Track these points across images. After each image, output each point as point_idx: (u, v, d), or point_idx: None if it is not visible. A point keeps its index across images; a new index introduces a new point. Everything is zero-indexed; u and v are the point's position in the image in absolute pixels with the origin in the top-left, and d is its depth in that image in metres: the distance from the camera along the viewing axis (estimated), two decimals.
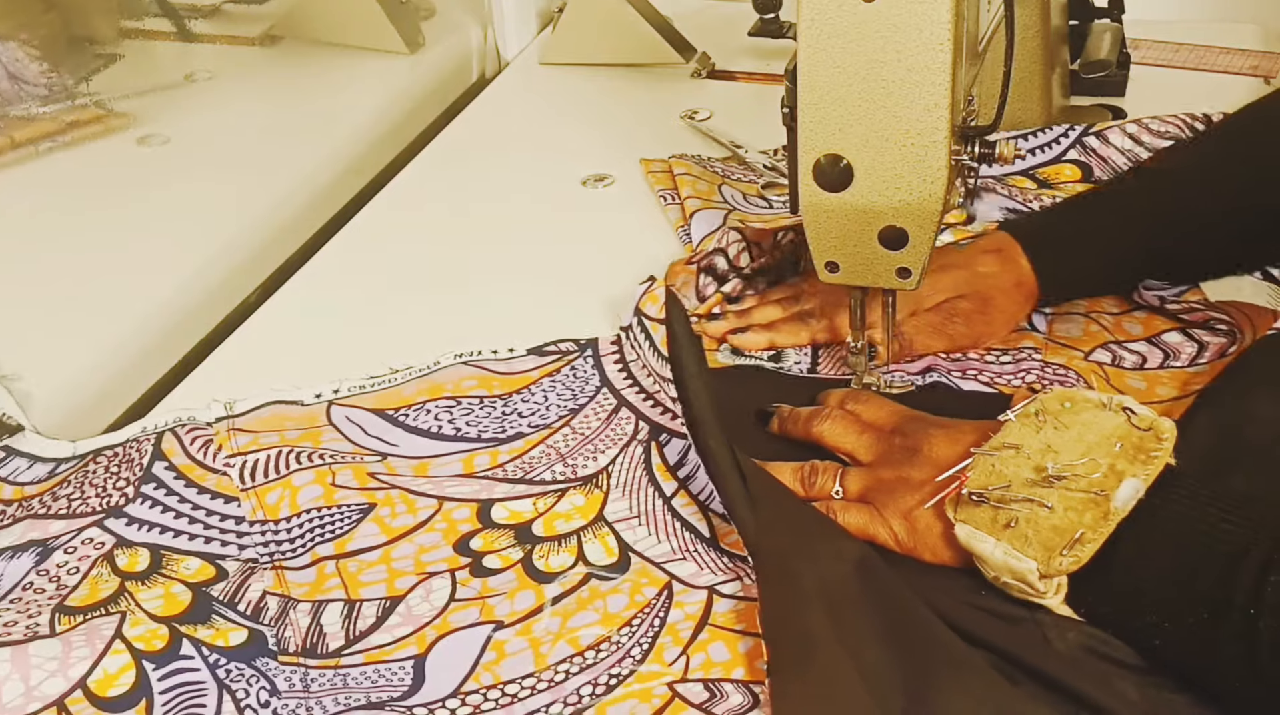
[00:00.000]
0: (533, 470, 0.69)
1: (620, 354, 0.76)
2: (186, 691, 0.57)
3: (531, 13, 1.26)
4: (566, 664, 0.59)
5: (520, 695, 0.57)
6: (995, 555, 0.57)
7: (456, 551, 0.65)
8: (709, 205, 0.92)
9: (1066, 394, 0.60)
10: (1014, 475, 0.58)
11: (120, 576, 0.62)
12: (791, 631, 0.55)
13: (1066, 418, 0.59)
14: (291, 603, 0.62)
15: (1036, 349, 0.77)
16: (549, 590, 0.63)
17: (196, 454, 0.69)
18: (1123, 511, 0.55)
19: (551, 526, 0.66)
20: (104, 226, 0.83)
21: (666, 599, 0.62)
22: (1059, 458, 0.57)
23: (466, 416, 0.73)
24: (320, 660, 0.60)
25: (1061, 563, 0.55)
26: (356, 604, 0.62)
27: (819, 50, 0.62)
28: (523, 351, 0.77)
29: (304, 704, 0.57)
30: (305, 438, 0.71)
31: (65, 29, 0.82)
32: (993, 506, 0.57)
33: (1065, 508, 0.56)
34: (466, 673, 0.59)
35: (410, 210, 0.98)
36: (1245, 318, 0.76)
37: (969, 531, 0.58)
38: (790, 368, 0.78)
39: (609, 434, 0.71)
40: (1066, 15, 1.03)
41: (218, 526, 0.66)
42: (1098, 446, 0.57)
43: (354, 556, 0.65)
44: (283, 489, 0.67)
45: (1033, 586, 0.56)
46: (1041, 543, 0.56)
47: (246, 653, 0.59)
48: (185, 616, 0.60)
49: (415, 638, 0.61)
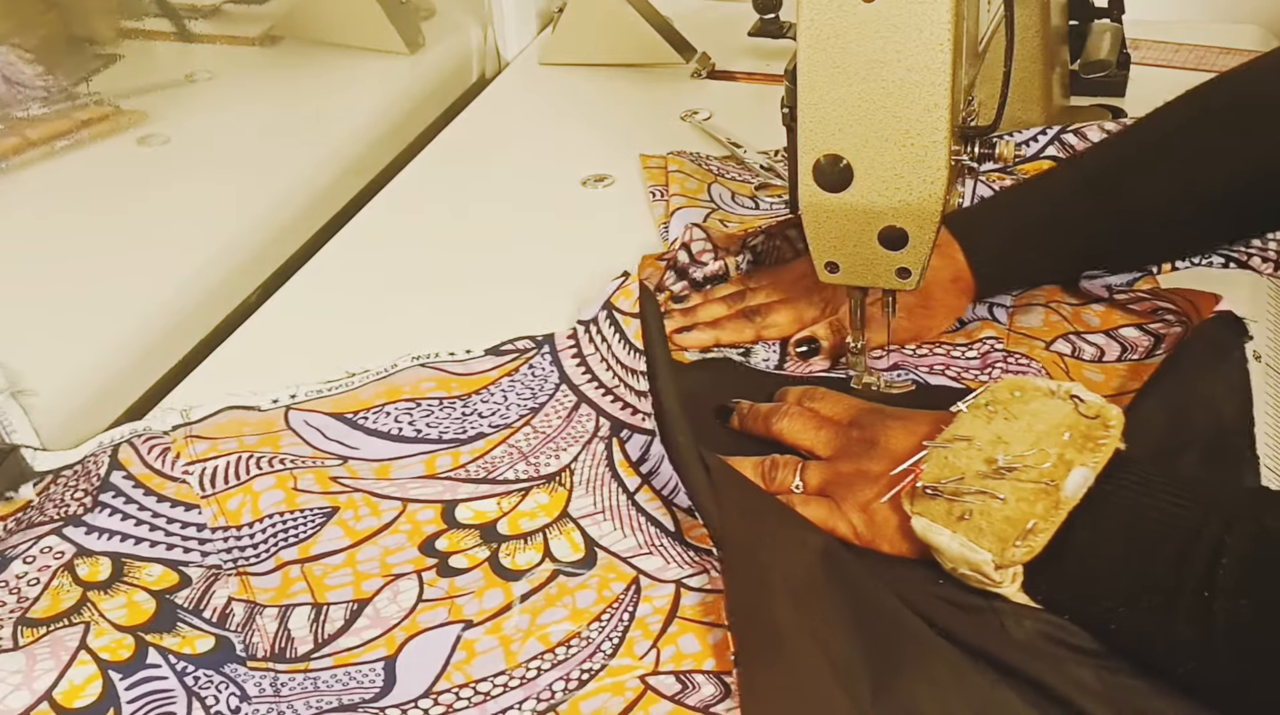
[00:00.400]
0: (495, 470, 0.70)
1: (578, 349, 0.76)
2: (155, 699, 0.57)
3: (531, 13, 1.26)
4: (538, 660, 0.59)
5: (493, 693, 0.58)
6: (951, 547, 0.57)
7: (422, 552, 0.65)
8: (693, 203, 0.92)
9: (1017, 383, 0.61)
10: (967, 467, 0.58)
11: (82, 586, 0.62)
12: (758, 622, 0.55)
13: (1016, 407, 0.60)
14: (258, 608, 0.62)
15: (999, 339, 0.77)
16: (517, 588, 0.63)
17: (154, 462, 0.69)
18: (1073, 500, 0.56)
19: (516, 525, 0.66)
20: (104, 227, 0.83)
21: (635, 593, 0.62)
22: (1009, 449, 0.58)
23: (426, 418, 0.73)
24: (290, 664, 0.60)
25: (1015, 553, 0.56)
26: (324, 607, 0.62)
27: (819, 50, 0.62)
28: (480, 352, 0.77)
29: (275, 708, 0.57)
30: (264, 443, 0.71)
31: (65, 29, 0.82)
32: (947, 499, 0.58)
33: (1017, 498, 0.57)
34: (438, 672, 0.59)
35: (410, 210, 0.98)
36: (1191, 304, 0.77)
37: (925, 524, 0.59)
38: (759, 364, 0.78)
39: (570, 432, 0.72)
40: (1066, 15, 1.03)
41: (179, 534, 0.65)
42: (1047, 436, 0.58)
43: (319, 560, 0.65)
44: (244, 495, 0.67)
45: (989, 577, 0.57)
46: (995, 534, 0.56)
47: (214, 659, 0.59)
48: (150, 625, 0.60)
49: (384, 639, 0.61)
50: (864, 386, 0.74)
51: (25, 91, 0.75)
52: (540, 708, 0.57)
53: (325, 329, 0.83)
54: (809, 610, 0.56)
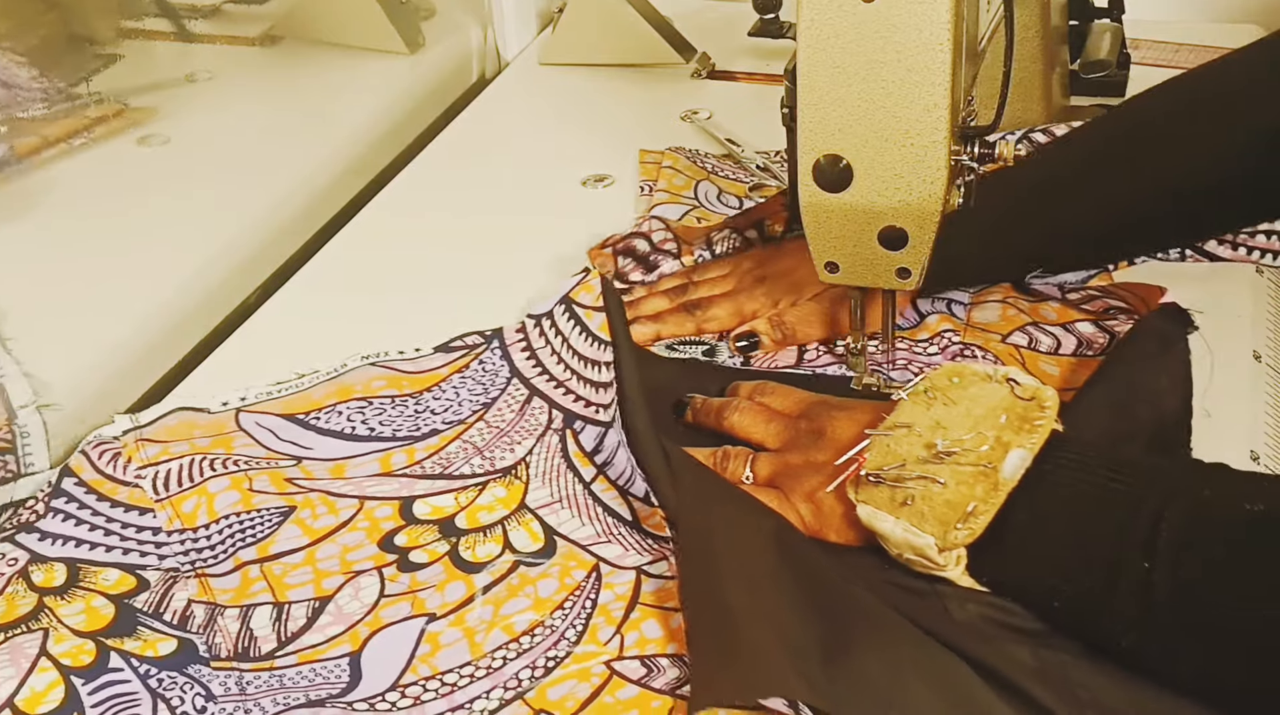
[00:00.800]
0: (451, 465, 0.70)
1: (527, 342, 0.77)
2: (119, 703, 0.57)
3: (531, 13, 1.26)
4: (503, 650, 0.60)
5: (460, 684, 0.58)
6: (896, 533, 0.58)
7: (382, 549, 0.65)
8: (674, 200, 0.93)
9: (955, 369, 0.62)
10: (907, 454, 0.59)
11: (38, 592, 0.61)
12: (712, 606, 0.56)
13: (955, 393, 0.60)
14: (219, 609, 0.62)
15: (955, 332, 0.78)
16: (478, 580, 0.63)
17: (105, 468, 0.68)
18: (1012, 481, 0.56)
19: (475, 519, 0.67)
20: (103, 227, 0.83)
21: (596, 581, 0.63)
22: (948, 433, 0.59)
23: (379, 416, 0.73)
24: (254, 663, 0.60)
25: (957, 536, 0.56)
26: (285, 606, 0.62)
27: (819, 50, 0.63)
28: (429, 350, 0.77)
29: (241, 706, 0.57)
30: (217, 445, 0.71)
31: (65, 29, 0.82)
32: (889, 486, 0.59)
33: (956, 482, 0.57)
34: (404, 666, 0.59)
35: (410, 211, 0.98)
36: (1140, 299, 0.77)
37: (870, 511, 0.59)
38: (727, 362, 0.78)
39: (524, 425, 0.72)
40: (1066, 15, 1.03)
41: (134, 538, 0.65)
42: (984, 420, 0.59)
43: (278, 560, 0.65)
44: (198, 497, 0.67)
45: (933, 560, 0.58)
46: (937, 518, 0.57)
47: (177, 661, 0.59)
48: (109, 630, 0.60)
49: (348, 635, 0.61)
50: (864, 387, 0.74)
51: (22, 94, 0.75)
52: (508, 696, 0.57)
53: (325, 330, 0.83)
54: (763, 595, 0.57)
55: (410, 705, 0.57)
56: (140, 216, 0.86)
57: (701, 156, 1.00)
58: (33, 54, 0.76)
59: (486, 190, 1.00)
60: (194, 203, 0.90)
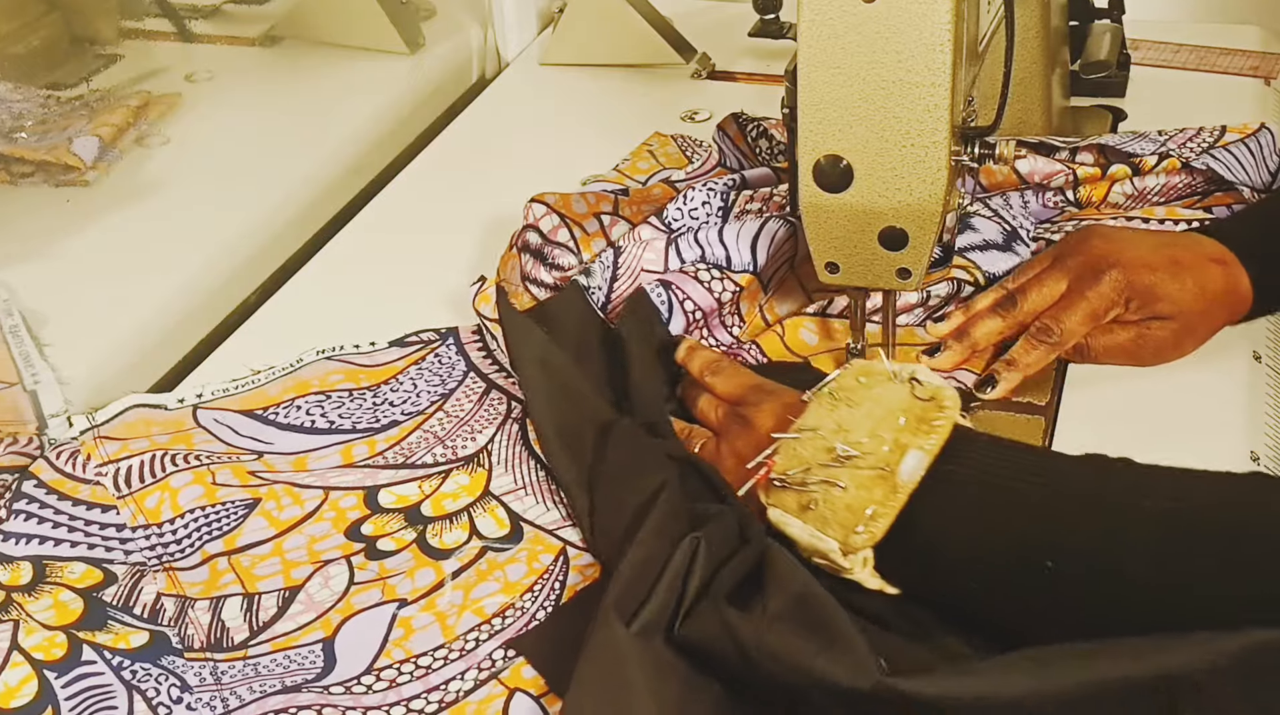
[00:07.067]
0: (413, 455, 0.71)
1: (482, 341, 0.78)
2: (93, 695, 0.57)
3: (531, 13, 1.26)
4: (475, 632, 0.60)
5: (434, 666, 0.59)
6: (802, 536, 0.58)
7: (349, 538, 0.66)
8: (615, 179, 0.93)
9: (863, 368, 0.62)
10: (811, 457, 0.59)
11: (4, 590, 0.62)
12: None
13: (859, 394, 0.60)
14: (189, 602, 0.62)
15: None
16: (447, 566, 0.64)
17: (65, 467, 0.69)
18: (910, 484, 0.56)
19: (440, 506, 0.67)
20: (103, 228, 0.83)
21: (563, 564, 0.64)
22: (849, 436, 0.59)
23: (338, 409, 0.74)
24: (228, 653, 0.60)
25: (858, 540, 0.56)
26: (255, 597, 0.63)
27: (819, 51, 0.63)
28: (384, 344, 0.78)
29: (218, 695, 0.58)
30: (177, 441, 0.71)
31: (67, 30, 0.82)
32: (795, 490, 0.59)
33: (856, 486, 0.57)
34: (377, 650, 0.60)
35: (410, 211, 0.98)
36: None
37: (779, 515, 0.59)
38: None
39: (483, 415, 0.73)
40: (1066, 15, 1.02)
41: (99, 535, 0.66)
42: (883, 422, 0.58)
43: (245, 552, 0.65)
44: (161, 492, 0.67)
45: (838, 564, 0.58)
46: (839, 522, 0.57)
47: (150, 653, 0.59)
48: (80, 624, 0.60)
49: (320, 622, 0.61)
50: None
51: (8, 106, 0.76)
52: (483, 676, 0.58)
53: (326, 329, 0.83)
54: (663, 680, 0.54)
55: (386, 688, 0.58)
56: (140, 216, 0.86)
57: (696, 144, 1.01)
58: (34, 55, 0.76)
59: (486, 190, 1.00)
60: (194, 202, 0.90)
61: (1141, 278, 0.71)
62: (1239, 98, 1.04)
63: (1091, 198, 0.83)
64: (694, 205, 0.81)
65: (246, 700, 0.57)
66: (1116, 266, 0.72)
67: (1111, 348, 0.73)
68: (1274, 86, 1.07)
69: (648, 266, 0.78)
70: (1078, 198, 0.84)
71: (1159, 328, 0.72)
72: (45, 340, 0.75)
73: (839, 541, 0.57)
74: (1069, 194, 0.84)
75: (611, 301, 0.77)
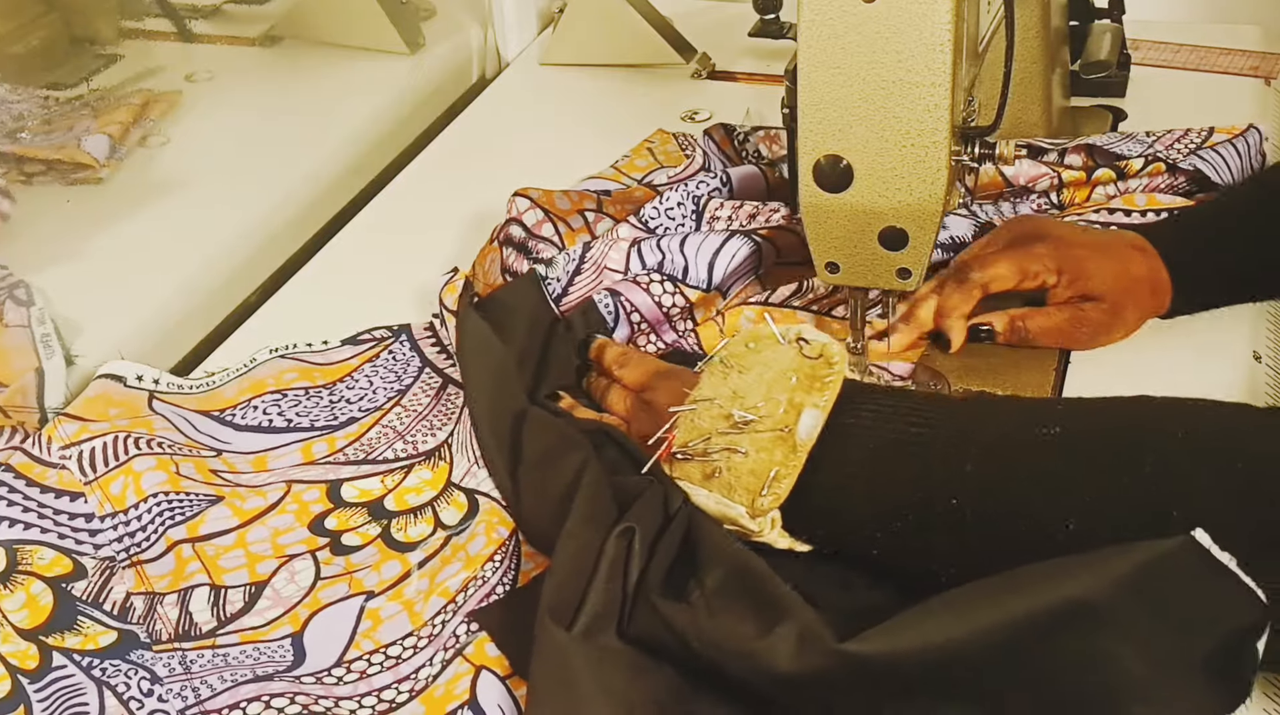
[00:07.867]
0: (374, 450, 0.71)
1: (436, 338, 0.78)
2: (64, 694, 0.57)
3: (531, 13, 1.26)
4: (441, 614, 0.61)
5: (404, 655, 0.59)
6: (710, 505, 0.59)
7: (313, 532, 0.66)
8: (613, 177, 0.93)
9: (751, 334, 0.63)
10: (710, 427, 0.60)
11: None
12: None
13: (749, 359, 0.61)
14: (157, 598, 0.63)
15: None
16: (413, 557, 0.64)
17: (30, 449, 0.69)
18: (809, 442, 0.57)
19: (403, 501, 0.68)
20: (103, 228, 0.83)
21: (519, 535, 0.64)
22: (744, 402, 0.60)
23: (295, 408, 0.74)
24: (196, 641, 0.60)
25: (764, 502, 0.57)
26: (222, 589, 0.63)
27: (819, 51, 0.63)
28: (337, 342, 0.79)
29: (189, 685, 0.58)
30: (137, 425, 0.71)
31: (67, 29, 0.82)
32: (698, 460, 0.60)
33: (757, 450, 0.58)
34: (347, 642, 0.60)
35: (410, 211, 0.98)
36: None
37: (686, 486, 0.60)
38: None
39: (441, 409, 0.73)
40: (1066, 15, 1.02)
41: (69, 526, 0.66)
42: (776, 384, 0.59)
43: (208, 541, 0.65)
44: (125, 476, 0.67)
45: (747, 528, 0.58)
46: (743, 487, 0.58)
47: (118, 651, 0.60)
48: (50, 625, 0.60)
49: (288, 617, 0.62)
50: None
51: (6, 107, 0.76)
52: (449, 656, 0.58)
53: (326, 329, 0.83)
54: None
55: (356, 679, 0.58)
56: (139, 216, 0.86)
57: (696, 143, 1.01)
58: (33, 55, 0.76)
59: (486, 190, 1.00)
60: (194, 202, 0.90)
61: (1070, 251, 0.74)
62: (1239, 98, 1.04)
63: (1074, 199, 0.84)
64: (669, 205, 0.82)
65: (218, 689, 0.58)
66: (1047, 239, 0.75)
67: (1049, 329, 0.75)
68: (1274, 86, 1.07)
69: (610, 264, 0.79)
70: (1060, 200, 0.85)
71: (1091, 309, 0.74)
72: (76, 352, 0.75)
73: (745, 506, 0.58)
74: (1052, 197, 0.85)
75: (569, 293, 0.78)
